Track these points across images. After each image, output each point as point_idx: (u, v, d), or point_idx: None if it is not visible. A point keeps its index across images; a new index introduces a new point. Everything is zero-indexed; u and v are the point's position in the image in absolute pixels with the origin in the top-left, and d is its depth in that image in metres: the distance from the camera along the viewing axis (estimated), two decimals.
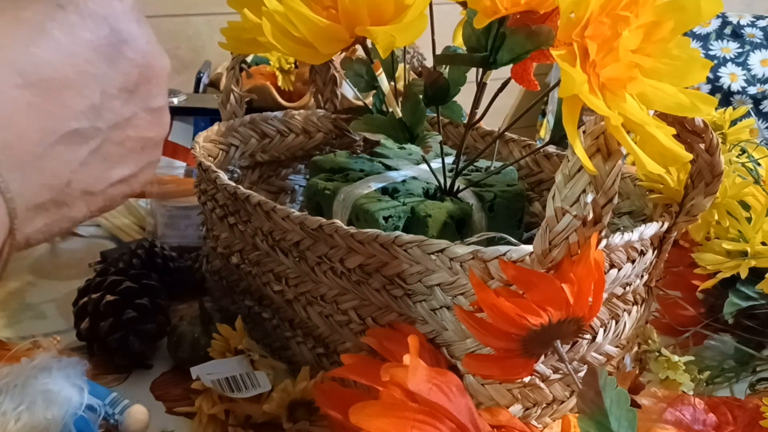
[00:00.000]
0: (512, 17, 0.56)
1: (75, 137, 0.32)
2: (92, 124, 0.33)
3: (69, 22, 0.32)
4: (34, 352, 0.60)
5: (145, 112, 0.36)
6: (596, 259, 0.48)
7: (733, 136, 0.77)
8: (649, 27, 0.47)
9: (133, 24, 0.35)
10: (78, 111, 0.32)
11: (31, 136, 0.30)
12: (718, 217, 0.66)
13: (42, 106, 0.30)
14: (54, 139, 0.31)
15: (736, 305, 0.67)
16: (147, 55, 0.35)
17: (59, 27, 0.31)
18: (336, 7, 0.54)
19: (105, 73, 0.33)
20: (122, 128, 0.34)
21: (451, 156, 0.74)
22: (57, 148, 0.31)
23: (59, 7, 0.32)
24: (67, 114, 0.31)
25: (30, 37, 0.30)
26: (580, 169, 0.46)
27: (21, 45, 0.30)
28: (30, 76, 0.30)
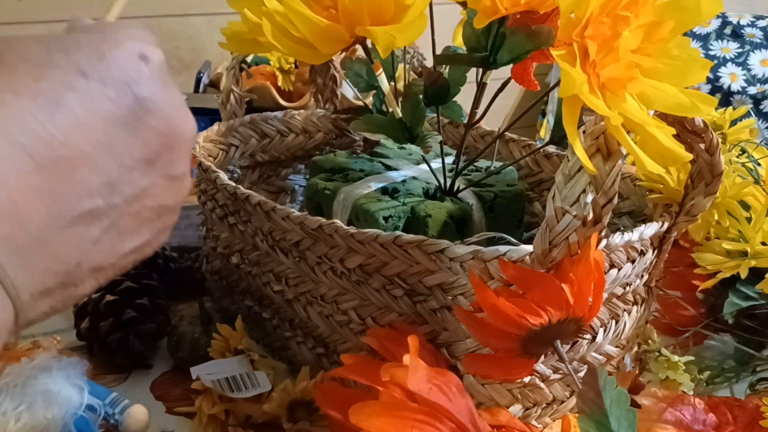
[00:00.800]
0: (512, 17, 0.56)
1: (87, 217, 0.30)
2: (107, 202, 0.30)
3: (90, 92, 0.29)
4: (34, 352, 0.60)
5: (164, 179, 0.33)
6: (596, 259, 0.48)
7: (733, 136, 0.77)
8: (649, 27, 0.47)
9: (159, 88, 0.32)
10: (92, 189, 0.30)
11: (39, 224, 0.28)
12: (718, 217, 0.66)
13: (53, 189, 0.28)
14: (64, 223, 0.29)
15: (736, 305, 0.67)
16: (171, 121, 0.33)
17: (79, 98, 0.29)
18: (336, 7, 0.54)
19: (124, 145, 0.31)
20: (139, 199, 0.32)
21: (451, 156, 0.74)
22: (67, 231, 0.29)
23: (81, 75, 0.29)
24: (80, 194, 0.29)
25: (46, 113, 0.28)
26: (580, 169, 0.46)
27: (35, 123, 0.28)
28: (42, 158, 0.27)
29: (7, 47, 0.29)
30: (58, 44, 0.30)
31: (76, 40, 0.31)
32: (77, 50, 0.30)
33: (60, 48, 0.30)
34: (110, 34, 0.32)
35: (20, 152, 0.27)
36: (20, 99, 0.28)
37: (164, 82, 0.33)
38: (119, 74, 0.31)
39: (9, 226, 0.27)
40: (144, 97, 0.31)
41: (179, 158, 0.34)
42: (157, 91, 0.32)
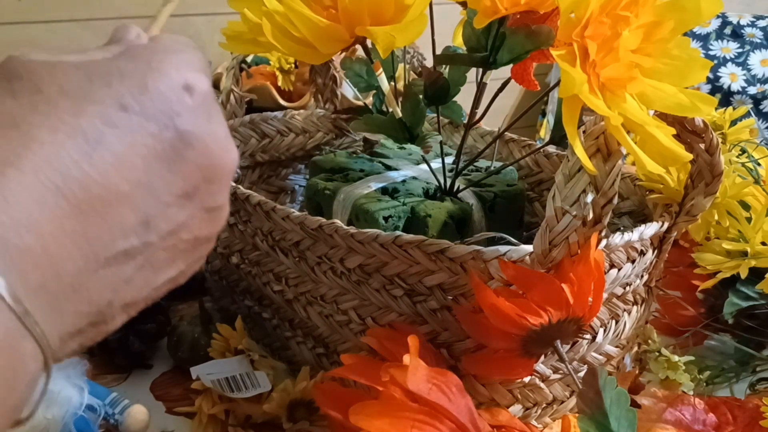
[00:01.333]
0: (512, 17, 0.56)
1: (121, 257, 0.28)
2: (142, 240, 0.29)
3: (131, 128, 0.28)
4: None
5: (202, 212, 0.32)
6: (596, 259, 0.48)
7: (733, 136, 0.77)
8: (649, 27, 0.47)
9: (202, 120, 0.31)
10: (128, 229, 0.28)
11: (72, 270, 0.27)
12: (718, 217, 0.66)
13: (88, 232, 0.27)
14: (98, 265, 0.28)
15: (736, 305, 0.67)
16: (212, 154, 0.31)
17: (119, 135, 0.28)
18: (336, 7, 0.54)
19: (163, 181, 0.29)
20: (175, 234, 0.31)
21: (451, 156, 0.74)
22: (100, 273, 0.28)
23: (122, 110, 0.28)
24: (116, 235, 0.28)
25: (85, 152, 0.27)
26: (580, 169, 0.46)
27: (72, 163, 0.26)
28: (78, 200, 0.26)
29: (48, 75, 0.28)
30: (100, 73, 0.29)
31: (120, 69, 0.29)
32: (120, 81, 0.29)
33: (102, 77, 0.29)
34: (156, 61, 0.30)
35: (55, 195, 0.26)
36: (58, 137, 0.26)
37: (208, 112, 0.31)
38: (162, 107, 0.29)
39: (41, 275, 0.26)
40: (186, 131, 0.30)
41: (219, 190, 0.33)
42: (199, 123, 0.30)
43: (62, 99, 0.27)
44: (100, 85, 0.28)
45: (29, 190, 0.25)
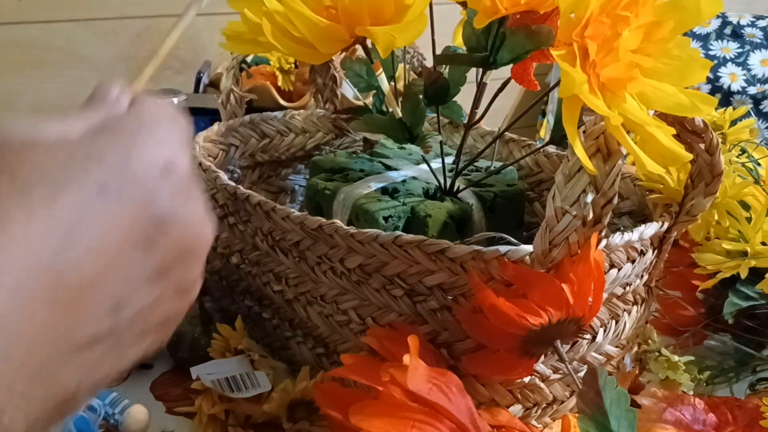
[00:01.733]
0: (512, 17, 0.56)
1: (90, 343, 0.28)
2: (112, 324, 0.29)
3: (107, 214, 0.27)
4: None
5: (174, 290, 0.31)
6: (596, 259, 0.48)
7: (733, 136, 0.77)
8: (649, 27, 0.47)
9: (179, 200, 0.30)
10: (99, 315, 0.28)
11: (41, 359, 0.26)
12: (718, 217, 0.66)
13: (59, 322, 0.26)
14: (68, 353, 0.27)
15: (736, 305, 0.67)
16: (188, 233, 0.31)
17: (95, 223, 0.27)
18: (336, 7, 0.54)
19: (137, 264, 0.29)
20: (145, 314, 0.30)
21: (451, 156, 0.74)
22: (69, 360, 0.27)
23: (99, 195, 0.27)
24: (86, 322, 0.27)
25: (59, 242, 0.26)
26: (580, 169, 0.46)
27: (46, 255, 0.25)
28: (51, 291, 0.26)
29: (25, 158, 0.27)
30: (78, 155, 0.28)
31: (99, 150, 0.28)
32: (98, 164, 0.28)
33: (80, 160, 0.28)
34: (135, 141, 0.29)
35: (28, 287, 0.25)
36: (32, 228, 0.25)
37: (187, 191, 0.31)
38: (139, 190, 0.28)
39: (10, 366, 0.25)
40: (162, 213, 0.29)
41: (192, 267, 0.32)
42: (177, 204, 0.30)
43: (38, 186, 0.26)
44: (78, 170, 0.27)
45: (1, 286, 0.24)
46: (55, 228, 0.26)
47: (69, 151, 0.28)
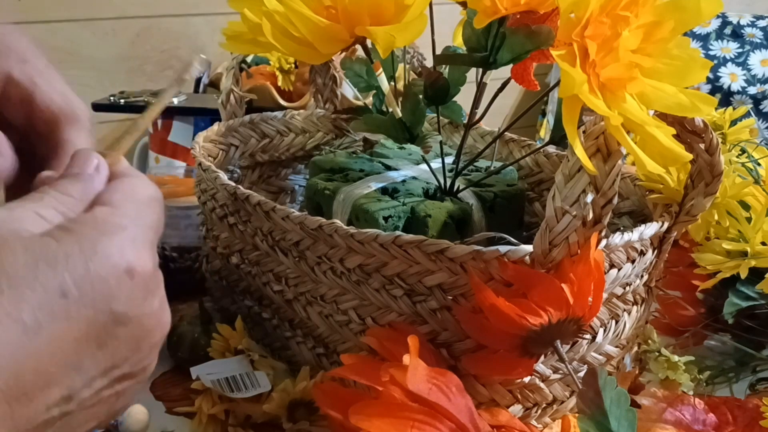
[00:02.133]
0: (512, 17, 0.56)
1: (41, 427, 0.29)
2: (64, 410, 0.30)
3: (68, 314, 0.29)
4: None
5: (126, 377, 0.33)
6: (596, 259, 0.48)
7: (733, 136, 0.77)
8: (649, 27, 0.47)
9: (138, 301, 0.31)
10: (51, 404, 0.29)
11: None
12: (718, 217, 0.66)
13: (14, 414, 0.27)
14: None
15: (736, 305, 0.67)
16: (144, 329, 0.32)
17: (56, 322, 0.28)
18: (336, 7, 0.54)
19: (92, 359, 0.30)
20: (96, 399, 0.31)
21: (451, 156, 0.74)
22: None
23: (62, 297, 0.28)
24: (39, 411, 0.29)
25: (22, 342, 0.27)
26: (579, 169, 0.46)
27: (9, 355, 0.27)
28: (10, 389, 0.27)
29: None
30: (46, 257, 0.29)
31: (65, 251, 0.29)
32: (64, 266, 0.29)
33: (47, 261, 0.29)
34: (100, 245, 0.31)
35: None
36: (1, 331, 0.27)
37: (145, 289, 0.32)
38: (100, 292, 0.30)
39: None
40: (121, 313, 0.31)
41: (147, 355, 0.34)
42: (135, 305, 0.31)
43: (6, 288, 0.28)
44: (45, 270, 0.29)
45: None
46: (20, 328, 0.27)
47: (37, 254, 0.29)
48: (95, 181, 0.34)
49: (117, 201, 0.33)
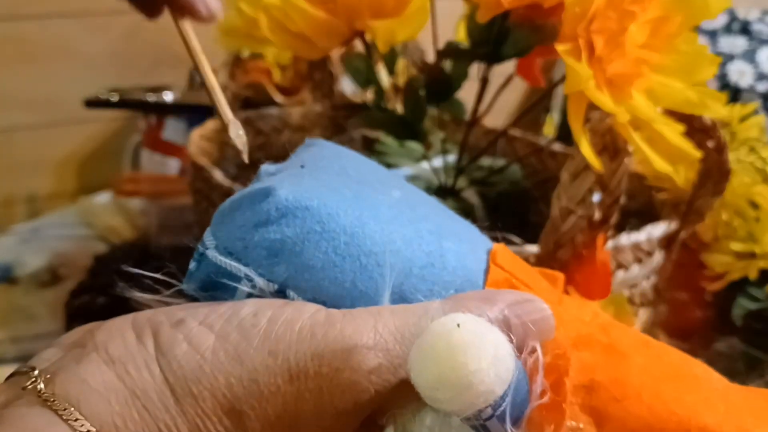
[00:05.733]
0: (516, 11, 0.55)
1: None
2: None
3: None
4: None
5: None
6: (602, 260, 0.47)
7: (743, 133, 0.76)
8: (656, 22, 0.46)
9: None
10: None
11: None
12: (727, 217, 0.65)
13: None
14: None
15: (745, 308, 0.66)
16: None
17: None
18: (335, 1, 0.53)
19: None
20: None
21: (453, 154, 0.73)
22: None
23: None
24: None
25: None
26: (585, 168, 0.45)
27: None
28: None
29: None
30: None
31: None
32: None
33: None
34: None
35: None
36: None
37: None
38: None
39: None
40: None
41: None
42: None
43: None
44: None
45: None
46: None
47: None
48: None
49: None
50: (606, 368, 0.29)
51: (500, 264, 0.34)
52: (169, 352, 0.28)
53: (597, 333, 0.31)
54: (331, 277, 0.30)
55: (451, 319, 0.25)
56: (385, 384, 0.28)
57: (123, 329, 0.30)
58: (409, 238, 0.32)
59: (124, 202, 0.95)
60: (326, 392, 0.27)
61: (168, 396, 0.27)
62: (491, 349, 0.25)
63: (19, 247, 0.89)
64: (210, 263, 0.32)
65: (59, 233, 0.92)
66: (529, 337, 0.29)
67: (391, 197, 0.34)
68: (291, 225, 0.30)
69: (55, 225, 0.95)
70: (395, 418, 0.28)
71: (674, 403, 0.28)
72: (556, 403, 0.27)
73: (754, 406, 0.30)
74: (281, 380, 0.27)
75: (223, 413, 0.27)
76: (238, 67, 0.93)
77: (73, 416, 0.26)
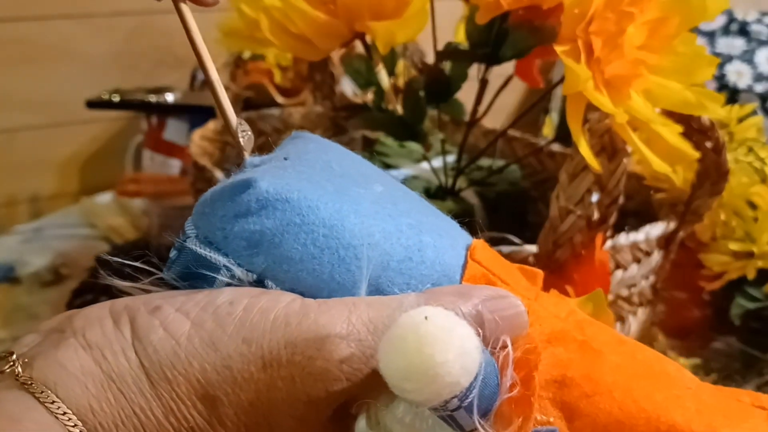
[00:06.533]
0: (515, 12, 0.55)
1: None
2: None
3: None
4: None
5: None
6: (601, 259, 0.47)
7: (741, 134, 0.76)
8: (654, 23, 0.46)
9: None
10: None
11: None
12: (725, 217, 0.65)
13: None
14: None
15: (742, 307, 0.66)
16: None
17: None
18: (335, 2, 0.53)
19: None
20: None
21: (453, 154, 0.73)
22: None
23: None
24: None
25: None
26: (584, 168, 0.45)
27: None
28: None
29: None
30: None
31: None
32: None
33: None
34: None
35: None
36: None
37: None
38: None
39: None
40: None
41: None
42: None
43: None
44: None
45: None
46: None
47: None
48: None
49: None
50: (579, 364, 0.29)
51: (478, 260, 0.34)
52: (145, 338, 0.28)
53: (572, 330, 0.31)
54: (310, 268, 0.30)
55: (420, 312, 0.25)
56: (356, 373, 0.28)
57: (101, 315, 0.30)
58: (388, 232, 0.32)
59: (125, 202, 0.95)
60: (299, 380, 0.28)
61: (143, 380, 0.27)
62: (458, 342, 0.25)
63: (21, 247, 0.89)
64: (190, 252, 0.32)
65: (61, 233, 0.93)
66: (501, 332, 0.29)
67: (373, 192, 0.34)
68: (271, 217, 0.31)
69: (58, 225, 0.95)
70: (368, 408, 0.28)
71: (644, 401, 0.28)
72: (525, 396, 0.28)
73: (725, 406, 0.30)
74: (254, 367, 0.28)
75: (197, 398, 0.28)
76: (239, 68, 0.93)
77: (50, 399, 0.27)
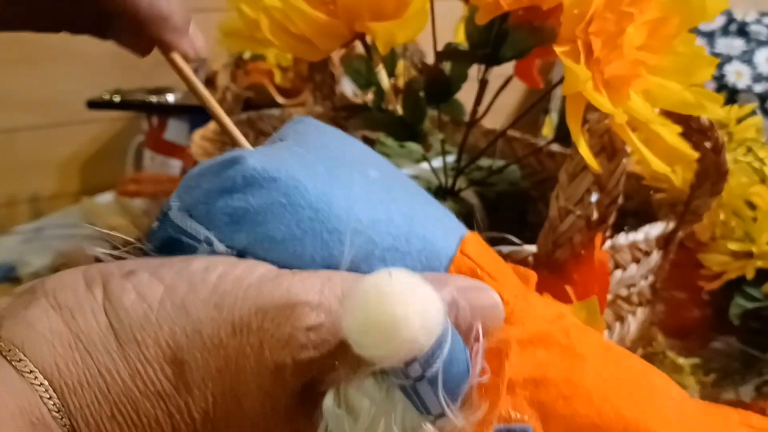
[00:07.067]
0: (515, 13, 0.55)
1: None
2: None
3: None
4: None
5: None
6: (600, 259, 0.47)
7: (740, 134, 0.76)
8: (654, 23, 0.46)
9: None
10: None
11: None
12: (724, 217, 0.65)
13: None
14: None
15: (742, 307, 0.66)
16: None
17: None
18: (335, 3, 0.53)
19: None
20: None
21: (453, 155, 0.73)
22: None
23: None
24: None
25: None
26: (584, 168, 0.46)
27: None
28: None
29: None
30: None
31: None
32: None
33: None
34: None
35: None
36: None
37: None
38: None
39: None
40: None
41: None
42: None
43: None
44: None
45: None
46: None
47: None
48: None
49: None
50: (559, 367, 0.29)
51: (468, 253, 0.34)
52: (116, 300, 0.28)
53: (557, 333, 0.31)
54: (291, 250, 0.30)
55: (384, 271, 0.26)
56: (324, 344, 0.28)
57: (74, 278, 0.30)
58: (377, 219, 0.31)
59: (126, 202, 0.95)
60: (266, 347, 0.28)
61: (111, 341, 0.27)
62: (420, 301, 0.25)
63: (22, 247, 0.89)
64: (171, 224, 0.32)
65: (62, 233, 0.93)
66: (475, 320, 0.29)
67: (367, 176, 0.34)
68: (256, 195, 0.30)
69: (58, 225, 0.95)
70: (337, 384, 0.28)
71: (624, 407, 0.28)
72: (494, 383, 0.28)
73: (709, 421, 0.30)
74: (224, 333, 0.28)
75: (165, 362, 0.27)
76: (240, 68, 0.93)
77: (17, 357, 0.27)
